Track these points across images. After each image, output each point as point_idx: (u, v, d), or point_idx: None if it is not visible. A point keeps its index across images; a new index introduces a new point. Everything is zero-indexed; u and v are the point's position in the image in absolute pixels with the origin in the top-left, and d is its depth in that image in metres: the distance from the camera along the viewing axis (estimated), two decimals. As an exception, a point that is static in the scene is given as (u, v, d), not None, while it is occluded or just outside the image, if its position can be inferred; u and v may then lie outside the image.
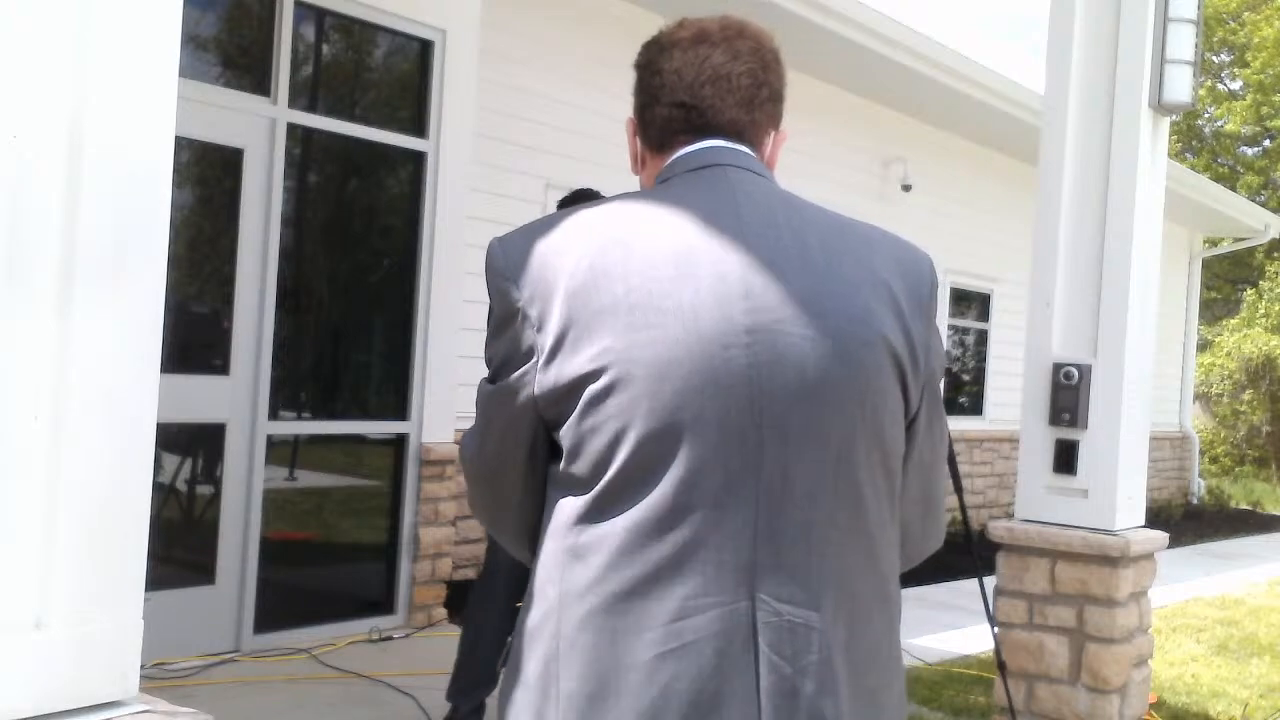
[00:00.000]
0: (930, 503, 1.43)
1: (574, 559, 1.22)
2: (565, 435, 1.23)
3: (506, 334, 1.26)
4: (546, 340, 1.22)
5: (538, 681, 1.22)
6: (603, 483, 1.21)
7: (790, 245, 1.27)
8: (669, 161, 1.39)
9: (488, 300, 1.31)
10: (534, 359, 1.23)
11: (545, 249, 1.26)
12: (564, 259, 1.24)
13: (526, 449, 1.29)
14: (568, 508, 1.24)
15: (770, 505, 1.21)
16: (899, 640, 1.34)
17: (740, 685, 1.18)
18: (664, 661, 1.17)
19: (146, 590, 1.59)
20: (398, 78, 5.62)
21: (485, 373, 1.32)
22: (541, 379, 1.23)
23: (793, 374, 1.22)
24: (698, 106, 1.38)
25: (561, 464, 1.25)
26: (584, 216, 1.30)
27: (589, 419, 1.21)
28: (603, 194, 4.00)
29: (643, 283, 1.21)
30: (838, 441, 1.24)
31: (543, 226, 1.30)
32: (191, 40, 4.70)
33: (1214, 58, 27.29)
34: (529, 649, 1.25)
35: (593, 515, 1.21)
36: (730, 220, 1.27)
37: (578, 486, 1.23)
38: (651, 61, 1.41)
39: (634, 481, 1.20)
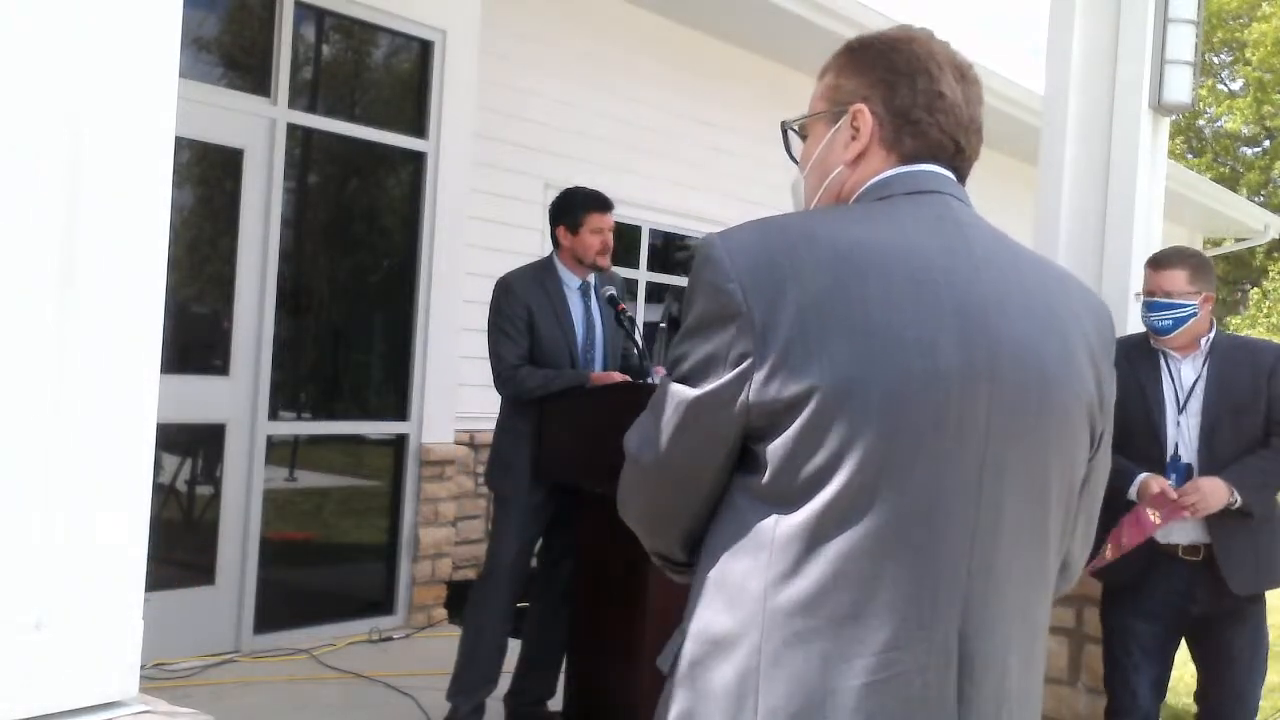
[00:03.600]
0: (1090, 537, 1.47)
1: (783, 578, 1.19)
2: (775, 449, 1.20)
3: (716, 335, 1.21)
4: (770, 350, 1.18)
5: (732, 692, 1.20)
6: (818, 504, 1.18)
7: (1015, 288, 1.27)
8: (888, 175, 1.34)
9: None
10: (747, 365, 1.19)
11: (774, 254, 1.21)
12: (796, 268, 1.19)
13: (724, 457, 1.25)
14: (772, 524, 1.21)
15: (983, 542, 1.22)
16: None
17: (944, 719, 1.20)
18: (873, 690, 1.17)
19: (146, 590, 1.58)
20: (397, 78, 5.61)
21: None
22: (760, 390, 1.19)
23: (1015, 416, 1.23)
24: (964, 151, 1.37)
25: (765, 476, 1.21)
26: (810, 225, 1.26)
27: (809, 437, 1.17)
28: (602, 193, 4.00)
29: (882, 310, 1.19)
30: (1039, 483, 1.27)
31: (768, 230, 1.24)
32: (192, 41, 4.70)
33: (1214, 58, 27.29)
34: (717, 658, 1.22)
35: (808, 536, 1.19)
36: (964, 256, 1.26)
37: (783, 503, 1.20)
38: (929, 72, 1.34)
39: (854, 507, 1.18)
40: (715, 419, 1.23)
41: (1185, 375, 3.29)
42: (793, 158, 1.48)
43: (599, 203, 3.89)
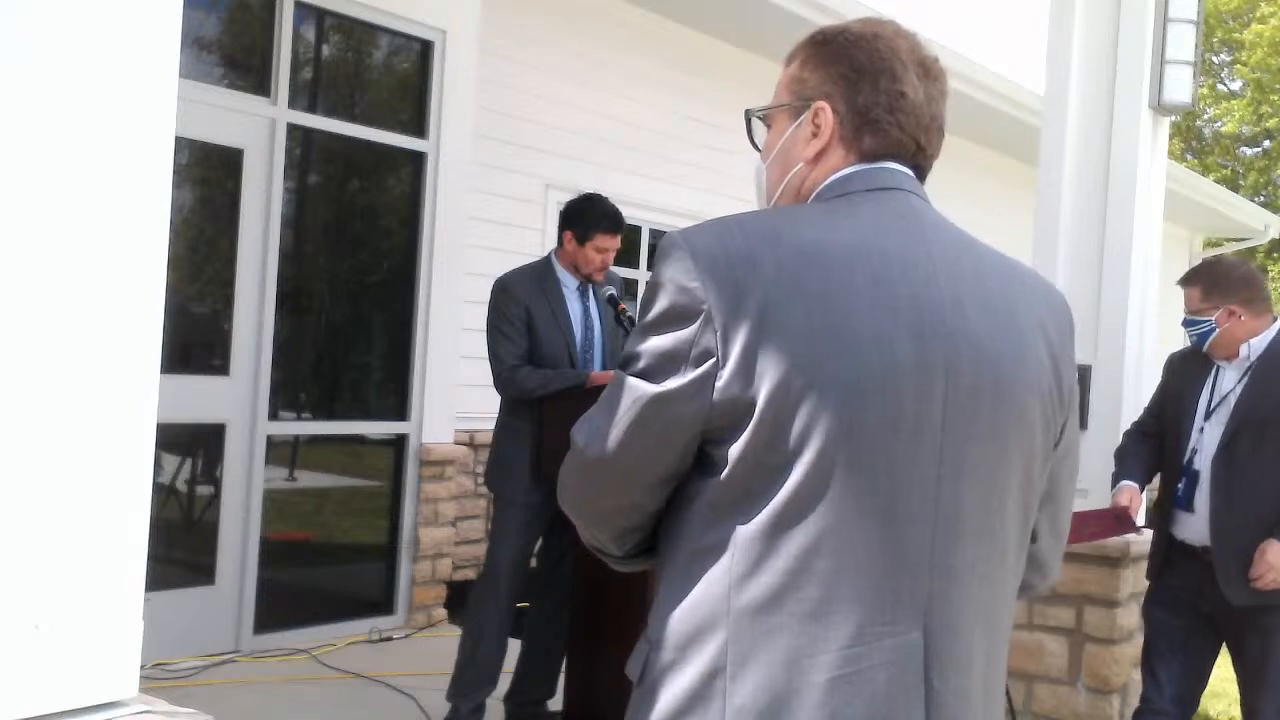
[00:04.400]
0: (1062, 534, 1.47)
1: (746, 576, 1.19)
2: (734, 449, 1.19)
3: (677, 331, 1.21)
4: (732, 349, 1.18)
5: (700, 694, 1.21)
6: (778, 501, 1.19)
7: (972, 284, 1.28)
8: (848, 172, 1.34)
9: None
10: (709, 364, 1.19)
11: (736, 253, 1.21)
12: (757, 267, 1.20)
13: (674, 456, 1.24)
14: (733, 524, 1.21)
15: (944, 540, 1.23)
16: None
17: (910, 716, 1.20)
18: (838, 685, 1.18)
19: (146, 590, 1.58)
20: (397, 78, 5.62)
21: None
22: (723, 389, 1.18)
23: (972, 416, 1.24)
24: (924, 150, 1.37)
25: (723, 476, 1.21)
26: (771, 224, 1.26)
27: (768, 436, 1.18)
28: (605, 198, 4.01)
29: (842, 308, 1.19)
30: (1000, 482, 1.28)
31: (729, 228, 1.24)
32: (192, 41, 4.70)
33: (1214, 58, 27.29)
34: (685, 662, 1.22)
35: (769, 533, 1.19)
36: (923, 253, 1.26)
37: (743, 502, 1.20)
38: (892, 71, 1.33)
39: (813, 504, 1.18)
40: (673, 416, 1.22)
41: (1225, 383, 3.28)
42: (755, 145, 1.49)
43: (612, 224, 3.90)
